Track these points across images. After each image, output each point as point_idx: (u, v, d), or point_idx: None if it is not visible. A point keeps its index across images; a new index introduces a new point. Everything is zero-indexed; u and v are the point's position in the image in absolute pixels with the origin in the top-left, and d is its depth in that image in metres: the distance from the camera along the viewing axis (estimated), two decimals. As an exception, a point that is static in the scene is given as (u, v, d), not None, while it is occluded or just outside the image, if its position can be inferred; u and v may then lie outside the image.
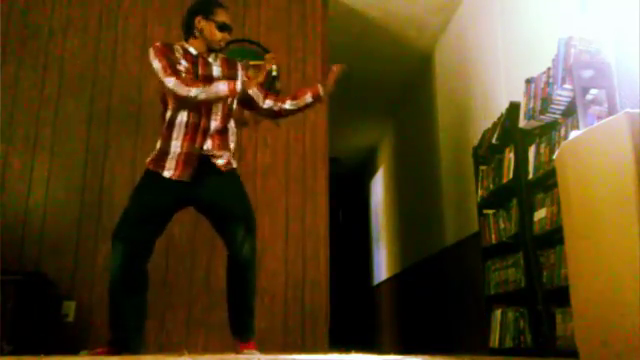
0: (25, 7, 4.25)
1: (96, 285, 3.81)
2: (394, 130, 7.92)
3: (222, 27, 2.82)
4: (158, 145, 2.70)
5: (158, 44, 2.75)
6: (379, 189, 8.84)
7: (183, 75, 2.63)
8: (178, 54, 2.74)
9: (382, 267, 8.29)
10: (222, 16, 2.82)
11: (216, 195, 2.68)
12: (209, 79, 2.71)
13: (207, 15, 2.81)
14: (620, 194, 1.87)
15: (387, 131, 8.20)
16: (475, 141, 4.33)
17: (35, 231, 3.86)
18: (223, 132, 2.75)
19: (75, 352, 3.13)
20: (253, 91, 2.85)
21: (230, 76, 2.78)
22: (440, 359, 2.37)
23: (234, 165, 2.77)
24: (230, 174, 2.74)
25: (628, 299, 1.79)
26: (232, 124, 2.83)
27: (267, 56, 3.07)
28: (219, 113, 2.73)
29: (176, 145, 2.66)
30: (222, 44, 2.84)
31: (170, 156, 2.65)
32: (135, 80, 4.20)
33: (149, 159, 2.71)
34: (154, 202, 2.65)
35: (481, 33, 4.77)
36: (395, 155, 7.86)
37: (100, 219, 3.93)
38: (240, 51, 4.06)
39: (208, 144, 2.69)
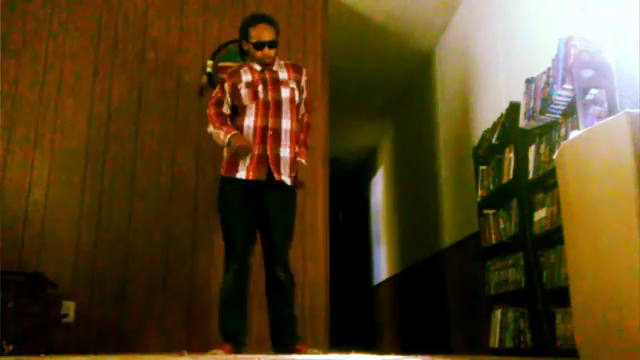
0: (25, 7, 4.25)
1: (96, 285, 3.81)
2: (394, 130, 7.91)
3: (257, 46, 2.94)
4: None
5: (225, 75, 3.04)
6: (379, 189, 8.84)
7: (224, 109, 3.01)
8: (244, 74, 2.99)
9: (382, 267, 8.29)
10: (256, 34, 2.96)
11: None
12: (277, 82, 2.97)
13: (245, 38, 3.00)
14: (620, 194, 1.87)
15: (387, 131, 8.20)
16: (475, 141, 4.33)
17: (35, 231, 3.85)
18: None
19: (75, 352, 3.13)
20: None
21: (296, 79, 3.03)
22: (440, 359, 2.37)
23: None
24: None
25: (628, 299, 1.79)
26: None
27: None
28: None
29: None
30: (268, 60, 3.00)
31: None
32: (135, 80, 4.20)
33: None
34: None
35: (481, 33, 4.77)
36: (395, 155, 7.86)
37: (100, 219, 3.93)
38: (239, 51, 4.05)
39: None
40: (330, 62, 4.55)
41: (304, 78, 3.08)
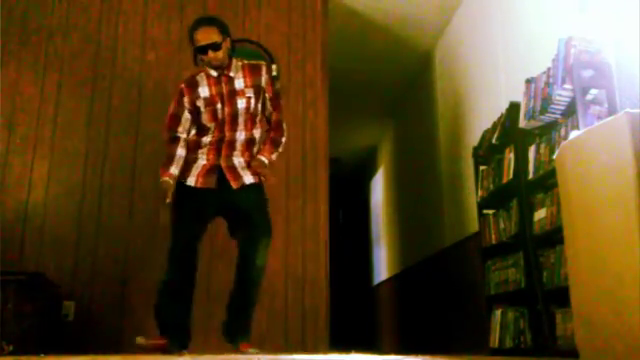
0: (25, 7, 4.25)
1: (96, 285, 3.81)
2: (394, 130, 7.92)
3: (199, 50, 2.89)
4: None
5: (183, 85, 2.97)
6: (379, 189, 8.84)
7: (179, 130, 2.94)
8: (201, 84, 2.94)
9: (382, 267, 8.29)
10: (196, 40, 2.87)
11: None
12: (233, 94, 2.90)
13: (193, 44, 2.90)
14: (620, 194, 1.87)
15: (387, 131, 8.20)
16: (475, 141, 4.33)
17: (35, 231, 3.85)
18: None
19: (75, 352, 3.12)
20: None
21: (254, 83, 2.94)
22: (440, 359, 2.37)
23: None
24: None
25: (628, 298, 1.79)
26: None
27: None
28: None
29: None
30: (215, 63, 2.90)
31: None
32: (135, 80, 4.20)
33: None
34: None
35: (481, 33, 4.77)
36: (395, 155, 7.86)
37: (100, 219, 3.93)
38: (239, 51, 4.05)
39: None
40: (330, 62, 4.55)
41: (264, 77, 2.97)
